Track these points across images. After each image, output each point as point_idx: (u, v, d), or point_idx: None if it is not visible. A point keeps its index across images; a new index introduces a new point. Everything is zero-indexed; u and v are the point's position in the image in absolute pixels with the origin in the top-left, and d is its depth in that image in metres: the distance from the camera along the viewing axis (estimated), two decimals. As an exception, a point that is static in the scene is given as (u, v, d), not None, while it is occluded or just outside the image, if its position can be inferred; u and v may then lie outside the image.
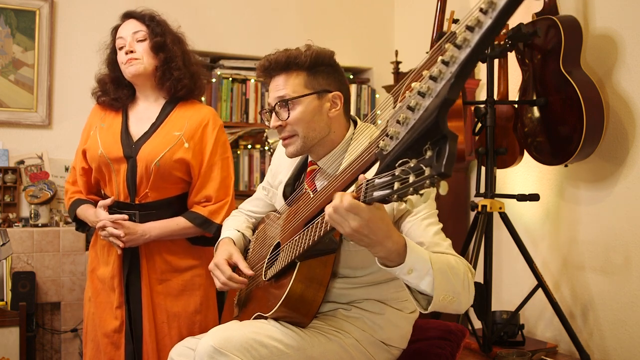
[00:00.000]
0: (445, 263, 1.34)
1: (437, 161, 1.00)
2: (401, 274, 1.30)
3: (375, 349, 1.62)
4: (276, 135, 3.51)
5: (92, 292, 2.13)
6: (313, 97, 1.58)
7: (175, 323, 2.07)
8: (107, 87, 2.15)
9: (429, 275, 1.29)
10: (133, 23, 2.10)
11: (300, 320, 1.54)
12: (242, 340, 1.45)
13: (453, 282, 1.33)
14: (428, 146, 1.03)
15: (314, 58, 1.58)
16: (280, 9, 3.61)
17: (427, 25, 3.10)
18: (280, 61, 1.58)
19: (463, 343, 1.82)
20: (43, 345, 3.00)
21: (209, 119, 2.13)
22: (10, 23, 3.07)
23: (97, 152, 2.06)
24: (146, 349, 2.04)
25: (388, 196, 1.12)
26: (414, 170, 1.04)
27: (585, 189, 2.51)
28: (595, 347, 2.44)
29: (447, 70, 1.02)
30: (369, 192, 1.19)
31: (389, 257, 1.29)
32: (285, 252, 1.57)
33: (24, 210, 3.10)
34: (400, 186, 1.07)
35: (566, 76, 2.30)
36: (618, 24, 2.37)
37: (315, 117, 1.58)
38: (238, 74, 3.50)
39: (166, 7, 3.30)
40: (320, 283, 1.51)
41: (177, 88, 2.09)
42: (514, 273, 2.85)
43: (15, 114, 3.09)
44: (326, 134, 1.60)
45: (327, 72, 1.61)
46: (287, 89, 1.58)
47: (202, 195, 2.10)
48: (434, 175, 0.99)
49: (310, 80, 1.58)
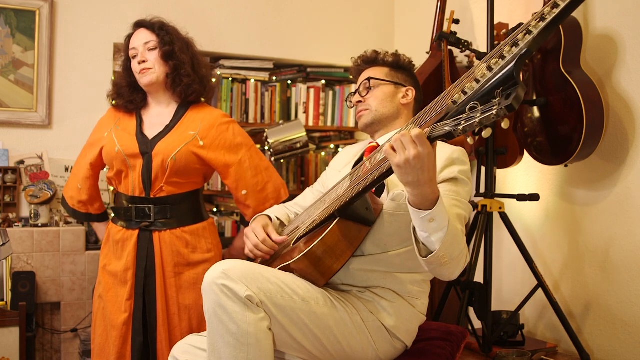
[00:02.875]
0: (455, 229, 1.47)
1: (505, 99, 1.14)
2: (424, 220, 1.41)
3: (378, 336, 1.63)
4: (276, 135, 3.52)
5: (103, 288, 2.21)
6: (391, 85, 1.91)
7: (185, 315, 2.15)
8: (122, 90, 2.27)
9: (442, 232, 1.41)
10: (144, 33, 2.22)
11: (317, 278, 1.58)
12: (250, 271, 1.49)
13: (455, 248, 1.46)
14: (499, 92, 1.17)
15: (396, 59, 1.96)
16: (280, 9, 3.61)
17: (427, 25, 3.10)
18: (370, 57, 1.98)
19: (463, 344, 1.83)
20: (43, 345, 3.00)
21: (220, 119, 2.25)
22: (10, 23, 3.07)
23: (114, 149, 2.17)
24: (160, 339, 2.13)
25: (454, 130, 1.23)
26: (483, 109, 1.17)
27: (585, 189, 2.51)
28: (595, 347, 2.44)
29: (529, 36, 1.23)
30: (437, 129, 1.29)
31: (422, 202, 1.40)
32: (325, 209, 1.62)
33: (24, 210, 3.10)
34: (467, 122, 1.20)
35: (566, 76, 2.30)
36: (618, 24, 2.37)
37: (388, 98, 1.88)
38: (238, 74, 3.50)
39: (167, 8, 3.32)
40: (350, 244, 1.57)
41: (187, 93, 2.22)
42: (514, 273, 2.85)
43: (15, 114, 3.09)
44: (395, 117, 1.89)
45: (406, 73, 1.95)
46: (373, 73, 1.92)
47: (241, 194, 2.25)
48: (501, 107, 1.13)
49: (392, 73, 1.93)
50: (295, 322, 1.51)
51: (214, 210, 3.50)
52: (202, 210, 2.29)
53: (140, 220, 2.18)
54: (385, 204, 1.65)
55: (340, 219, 1.54)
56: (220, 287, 1.44)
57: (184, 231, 2.20)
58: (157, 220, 2.18)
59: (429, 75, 2.63)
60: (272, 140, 3.23)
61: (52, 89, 3.16)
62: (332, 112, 3.74)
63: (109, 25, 3.23)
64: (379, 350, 1.64)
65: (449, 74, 2.57)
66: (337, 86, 3.77)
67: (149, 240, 2.17)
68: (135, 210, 2.18)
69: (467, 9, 3.15)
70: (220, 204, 3.51)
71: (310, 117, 3.67)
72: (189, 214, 2.22)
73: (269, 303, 1.47)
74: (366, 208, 1.58)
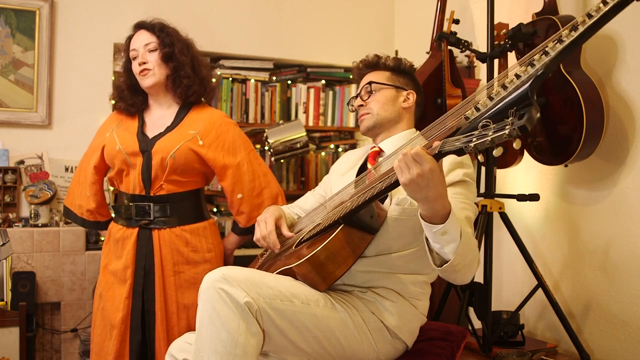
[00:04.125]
0: (469, 237, 1.50)
1: (519, 119, 1.12)
2: (436, 233, 1.43)
3: (378, 336, 1.63)
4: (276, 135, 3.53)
5: (103, 287, 2.21)
6: (392, 89, 1.92)
7: (184, 314, 2.15)
8: (123, 93, 2.28)
9: (454, 243, 1.43)
10: (144, 34, 2.22)
11: (318, 283, 1.57)
12: (249, 277, 1.49)
13: (467, 255, 1.48)
14: (513, 111, 1.15)
15: (397, 63, 1.97)
16: (280, 9, 3.61)
17: (427, 25, 3.10)
18: (371, 61, 1.98)
19: (463, 344, 1.83)
20: (43, 345, 3.00)
21: (221, 120, 2.25)
22: (10, 23, 3.07)
23: (115, 148, 2.18)
24: (157, 338, 2.12)
25: (465, 146, 1.22)
26: (495, 128, 1.16)
27: (585, 189, 2.51)
28: (595, 347, 2.44)
29: (545, 57, 1.23)
30: (448, 145, 1.29)
31: (432, 217, 1.42)
32: (331, 215, 1.62)
33: (24, 210, 3.10)
34: (478, 140, 1.18)
35: (566, 76, 2.30)
36: (618, 24, 2.36)
37: (389, 102, 1.90)
38: (238, 74, 3.50)
39: (167, 8, 3.32)
40: (353, 251, 1.56)
41: (187, 94, 2.23)
42: (514, 273, 2.85)
43: (15, 114, 3.09)
44: (396, 121, 1.91)
45: (407, 77, 1.97)
46: (375, 77, 1.94)
47: (236, 197, 2.23)
48: (514, 127, 1.11)
49: (393, 77, 1.95)
50: (295, 326, 1.50)
51: (214, 210, 3.50)
52: (203, 210, 2.28)
53: (140, 218, 2.18)
54: (390, 209, 1.65)
55: (345, 226, 1.54)
56: (219, 291, 1.43)
57: (183, 230, 2.19)
58: (157, 219, 2.17)
59: (429, 76, 2.63)
60: (272, 140, 3.23)
61: (52, 89, 3.16)
62: (332, 112, 3.74)
63: (109, 25, 3.23)
64: (379, 352, 1.64)
65: (449, 74, 2.56)
66: (337, 86, 3.77)
67: (149, 239, 2.17)
68: (136, 208, 2.18)
69: (467, 9, 3.15)
70: (220, 204, 3.51)
71: (310, 117, 3.67)
72: (189, 213, 2.22)
73: (268, 308, 1.46)
74: (371, 216, 1.58)
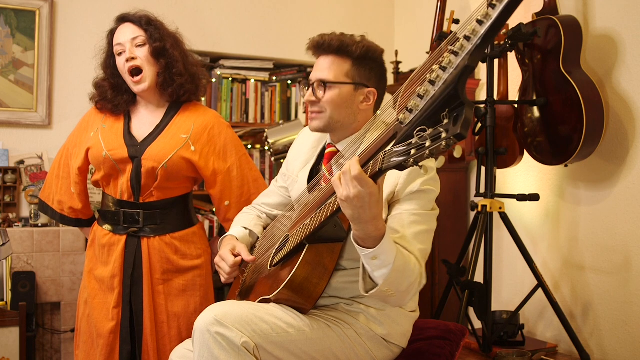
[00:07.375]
0: (405, 263, 1.42)
1: (454, 125, 1.07)
2: (366, 257, 1.38)
3: (374, 344, 1.63)
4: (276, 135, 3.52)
5: (88, 293, 2.11)
6: (350, 87, 1.67)
7: (175, 323, 2.07)
8: (107, 93, 2.10)
9: (386, 269, 1.38)
10: (130, 27, 2.06)
11: (302, 304, 1.56)
12: (242, 314, 1.47)
13: (401, 283, 1.43)
14: (445, 114, 1.11)
15: (364, 50, 1.66)
16: (280, 9, 3.61)
17: (427, 25, 3.10)
18: (333, 44, 1.67)
19: (463, 343, 1.82)
20: (43, 345, 3.00)
21: (214, 122, 2.13)
22: (10, 23, 3.07)
23: (101, 153, 2.03)
24: (146, 349, 2.03)
25: (404, 162, 1.18)
26: (431, 135, 1.11)
27: (585, 189, 2.51)
28: (595, 347, 2.44)
29: (468, 44, 1.13)
30: (386, 160, 1.24)
31: (364, 239, 1.37)
32: (295, 236, 1.60)
33: (24, 210, 3.10)
34: (417, 152, 1.14)
35: (566, 76, 2.30)
36: (618, 24, 2.37)
37: (345, 104, 1.67)
38: (238, 74, 3.50)
39: (166, 8, 3.32)
40: (326, 268, 1.54)
41: (179, 94, 2.08)
42: (514, 273, 2.85)
43: (15, 114, 3.09)
44: (350, 122, 1.70)
45: (371, 68, 1.69)
46: (330, 73, 1.67)
47: (223, 205, 2.13)
48: (450, 137, 1.07)
49: (353, 71, 1.67)
50: (294, 354, 1.51)
51: (213, 210, 3.49)
52: (191, 215, 2.19)
53: (128, 225, 2.07)
54: None
55: (310, 246, 1.52)
56: (214, 336, 1.41)
57: (173, 237, 2.09)
58: (145, 226, 2.06)
59: (429, 75, 2.63)
60: (272, 140, 3.23)
61: (52, 89, 3.16)
62: (332, 112, 3.74)
63: (109, 25, 3.22)
64: (377, 358, 1.64)
65: (449, 74, 2.57)
66: (337, 86, 3.77)
67: (137, 247, 2.06)
68: (124, 215, 2.06)
69: (467, 9, 3.15)
70: (220, 204, 3.50)
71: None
72: (178, 220, 2.12)
73: (265, 343, 1.46)
74: (334, 225, 1.54)
